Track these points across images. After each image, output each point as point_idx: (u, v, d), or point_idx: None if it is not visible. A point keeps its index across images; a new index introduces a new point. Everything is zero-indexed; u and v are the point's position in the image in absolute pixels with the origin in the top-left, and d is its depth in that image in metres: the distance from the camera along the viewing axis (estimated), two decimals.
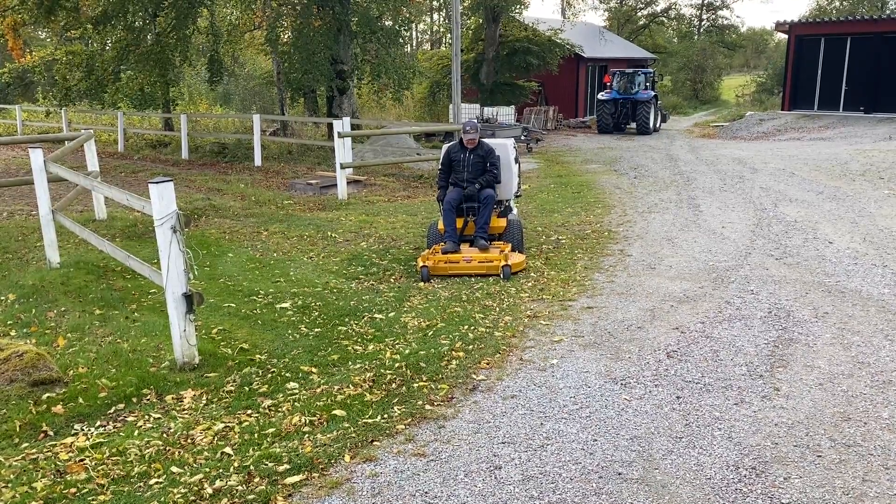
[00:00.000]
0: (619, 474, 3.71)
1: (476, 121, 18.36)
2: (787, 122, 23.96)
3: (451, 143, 8.79)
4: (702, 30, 54.44)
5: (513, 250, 7.99)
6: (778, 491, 3.53)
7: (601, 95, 26.02)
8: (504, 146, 8.80)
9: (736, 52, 59.48)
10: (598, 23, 45.47)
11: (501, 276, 7.42)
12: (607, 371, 5.05)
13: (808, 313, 6.16)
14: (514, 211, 9.02)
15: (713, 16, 54.56)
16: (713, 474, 3.69)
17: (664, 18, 53.57)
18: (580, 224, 10.20)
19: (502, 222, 8.38)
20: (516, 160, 8.96)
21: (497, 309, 6.49)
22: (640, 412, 4.41)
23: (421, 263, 7.65)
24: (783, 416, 4.31)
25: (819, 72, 24.93)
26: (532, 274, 7.64)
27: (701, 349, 5.43)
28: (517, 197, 9.38)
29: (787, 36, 26.30)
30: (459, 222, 8.25)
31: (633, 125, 25.37)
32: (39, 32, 28.20)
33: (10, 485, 3.68)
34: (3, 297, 6.72)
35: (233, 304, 6.69)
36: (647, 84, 25.37)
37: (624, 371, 5.05)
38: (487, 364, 5.22)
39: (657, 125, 25.86)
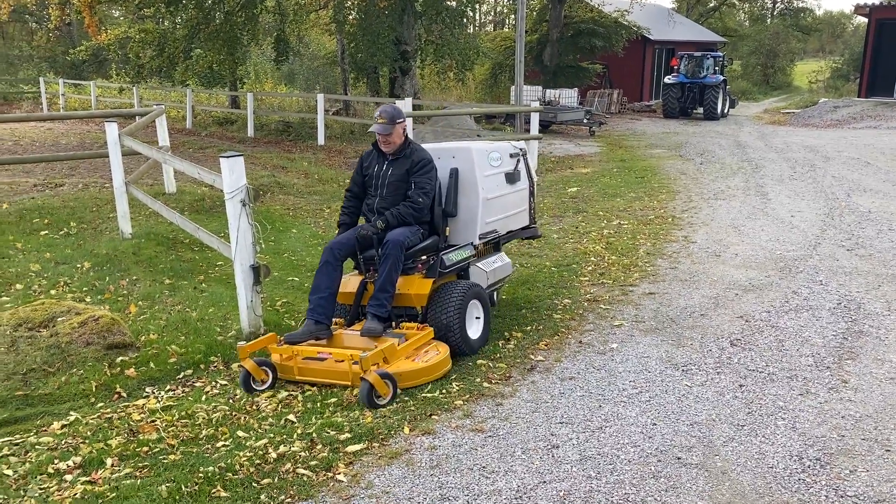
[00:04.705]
0: (679, 459, 3.68)
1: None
2: (863, 110, 23.01)
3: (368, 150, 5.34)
4: (775, 12, 52.67)
5: (438, 337, 4.76)
6: (843, 483, 3.45)
7: (668, 79, 25.49)
8: (467, 151, 5.28)
9: (811, 37, 57.36)
10: (667, 4, 44.41)
11: (359, 396, 4.23)
12: (668, 357, 4.99)
13: (879, 306, 5.95)
14: (507, 262, 5.79)
15: None
16: (776, 463, 3.63)
17: (735, 1, 51.95)
18: (643, 209, 10.04)
19: (424, 288, 4.88)
20: (511, 176, 5.55)
21: (556, 291, 6.46)
22: (702, 399, 4.35)
23: (242, 357, 4.52)
24: (850, 409, 4.20)
25: None
26: (592, 258, 7.58)
27: (766, 338, 5.31)
28: (535, 236, 6.20)
29: (866, 19, 25.23)
30: (349, 284, 5.05)
31: (700, 110, 24.80)
32: (114, 11, 29.01)
33: (87, 441, 3.87)
34: (79, 265, 7.01)
35: (296, 279, 6.84)
36: (716, 68, 24.73)
37: (685, 357, 4.98)
38: (546, 345, 5.22)
39: (725, 110, 25.21)
